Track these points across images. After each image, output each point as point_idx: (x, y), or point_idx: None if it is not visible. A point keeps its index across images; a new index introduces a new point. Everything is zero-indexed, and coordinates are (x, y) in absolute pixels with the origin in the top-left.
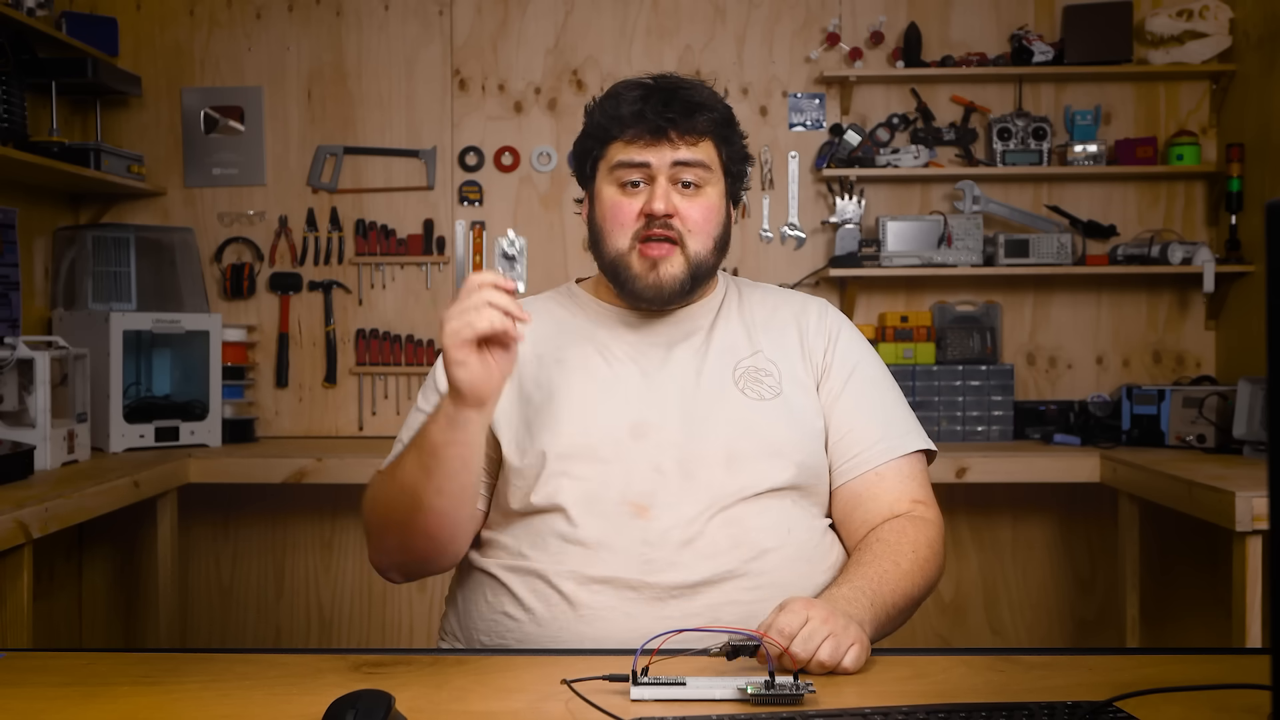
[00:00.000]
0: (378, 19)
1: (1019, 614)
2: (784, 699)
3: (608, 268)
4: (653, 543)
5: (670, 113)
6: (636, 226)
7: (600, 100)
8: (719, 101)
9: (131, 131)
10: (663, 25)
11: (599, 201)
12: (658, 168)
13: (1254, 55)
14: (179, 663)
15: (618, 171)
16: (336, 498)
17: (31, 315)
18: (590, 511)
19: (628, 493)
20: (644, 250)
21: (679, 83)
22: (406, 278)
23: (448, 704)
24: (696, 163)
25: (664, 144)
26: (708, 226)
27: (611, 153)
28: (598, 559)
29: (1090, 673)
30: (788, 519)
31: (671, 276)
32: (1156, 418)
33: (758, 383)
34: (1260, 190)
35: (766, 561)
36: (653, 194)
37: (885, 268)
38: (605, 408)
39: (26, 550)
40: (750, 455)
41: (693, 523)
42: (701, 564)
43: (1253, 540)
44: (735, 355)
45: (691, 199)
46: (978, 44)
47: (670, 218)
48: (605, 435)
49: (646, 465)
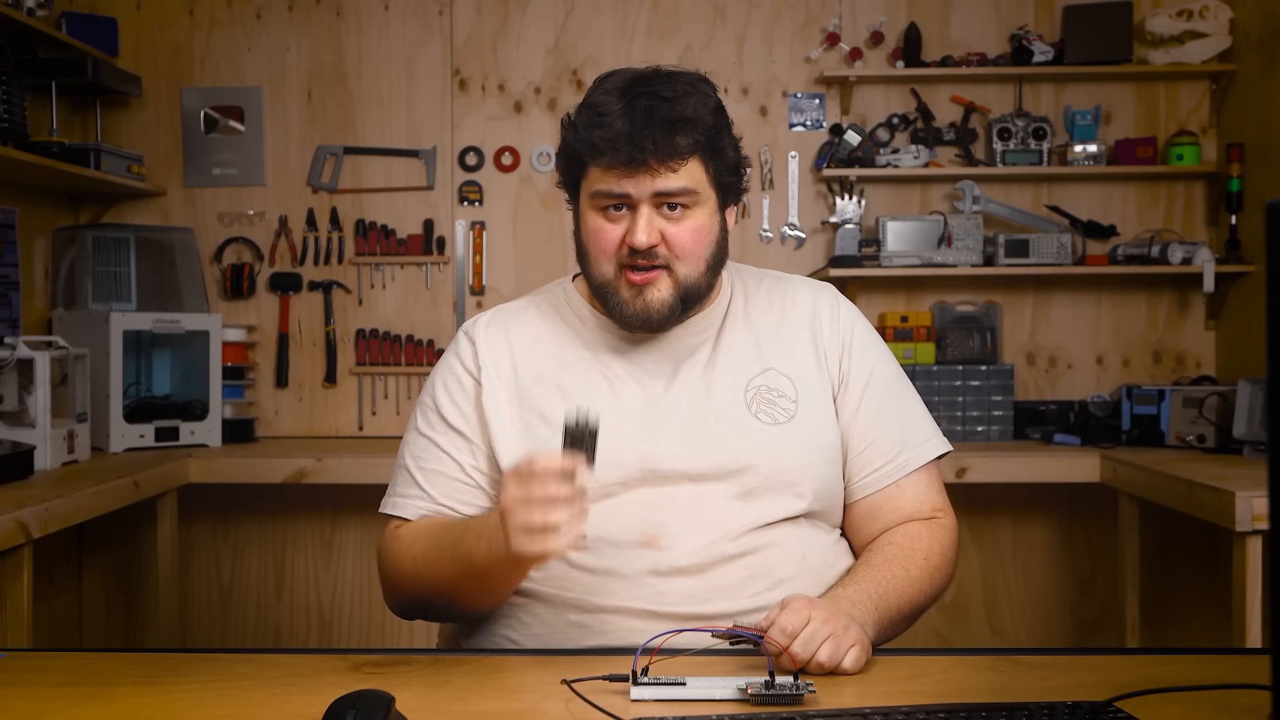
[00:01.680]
0: (378, 19)
1: (1019, 614)
2: (784, 699)
3: (596, 291)
4: (663, 573)
5: (648, 140)
6: (620, 254)
7: (579, 110)
8: (705, 109)
9: (131, 131)
10: (663, 25)
11: (583, 223)
12: (638, 197)
13: (1254, 55)
14: (179, 663)
15: (598, 199)
16: (336, 498)
17: (31, 315)
18: (598, 542)
19: (637, 523)
20: (630, 276)
21: (661, 89)
22: (406, 278)
23: (448, 704)
24: (680, 190)
25: (643, 173)
26: (697, 249)
27: (591, 177)
28: (606, 588)
29: (1090, 673)
30: (802, 545)
31: (660, 301)
32: (1156, 418)
33: (771, 404)
34: (1260, 190)
35: (781, 591)
36: (634, 224)
37: (885, 268)
38: (611, 438)
39: (26, 550)
40: (765, 486)
41: (705, 552)
42: (716, 596)
43: (1253, 540)
44: (746, 373)
45: (679, 222)
46: (978, 44)
47: (655, 246)
48: (612, 467)
49: (656, 495)
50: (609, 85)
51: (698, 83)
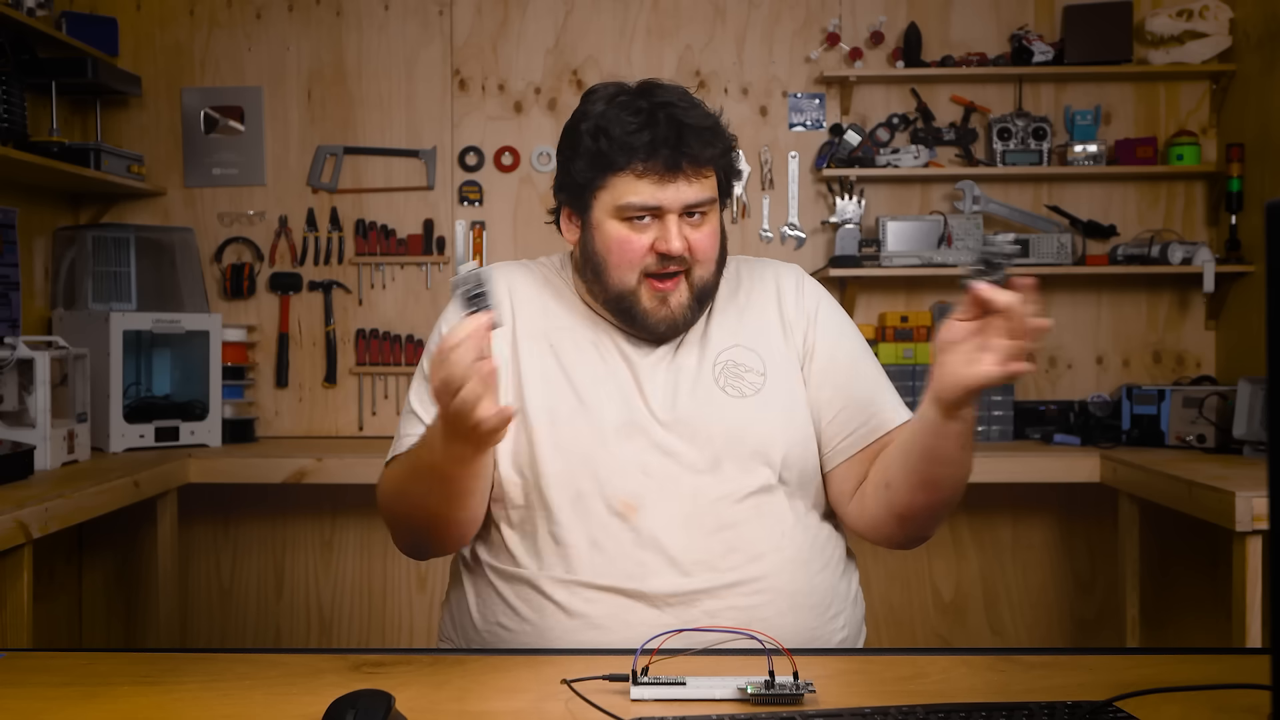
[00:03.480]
0: (378, 19)
1: (1019, 614)
2: (784, 699)
3: (612, 300)
4: (644, 545)
5: (684, 149)
6: (646, 262)
7: (595, 120)
8: (721, 127)
9: (131, 131)
10: (663, 25)
11: (598, 233)
12: (669, 207)
13: (1254, 55)
14: (179, 663)
15: (625, 210)
16: (336, 498)
17: (31, 315)
18: (576, 510)
19: (616, 491)
20: (654, 285)
21: (673, 101)
22: (406, 278)
23: (448, 704)
24: (707, 200)
25: (677, 181)
26: (713, 253)
27: (617, 186)
28: (588, 562)
29: (1090, 673)
30: (781, 521)
31: (681, 306)
32: (1156, 418)
33: (739, 379)
34: (1260, 190)
35: (763, 565)
36: (666, 232)
37: (885, 268)
38: (592, 406)
39: (26, 550)
40: (733, 457)
41: (683, 526)
42: (697, 571)
43: (1253, 540)
44: (714, 349)
45: (699, 228)
46: (978, 44)
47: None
48: (592, 433)
49: (633, 465)
50: (619, 99)
51: (691, 95)
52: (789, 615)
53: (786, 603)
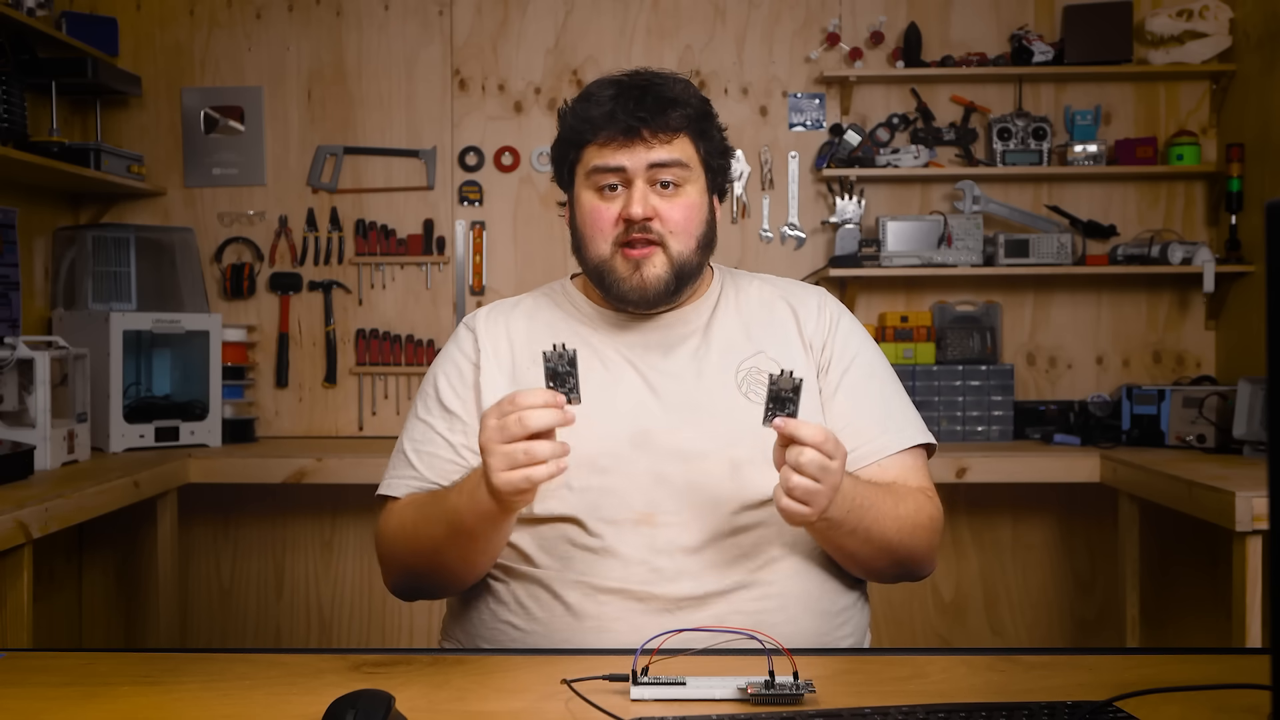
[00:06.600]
0: (378, 19)
1: (1019, 614)
2: (784, 699)
3: (592, 273)
4: (660, 550)
5: (642, 111)
6: (616, 231)
7: (573, 102)
8: (693, 95)
9: (131, 131)
10: (663, 25)
11: (578, 207)
12: (634, 170)
13: (1254, 55)
14: (179, 663)
15: (594, 176)
16: (336, 498)
17: (31, 315)
18: (592, 519)
19: (632, 502)
20: (626, 252)
21: (651, 78)
22: (406, 278)
23: (448, 704)
24: (673, 162)
25: (638, 145)
26: (689, 226)
27: (587, 157)
28: (605, 566)
29: (1090, 673)
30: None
31: (655, 277)
32: (1156, 418)
33: (761, 385)
34: (1260, 190)
35: (774, 570)
36: (630, 198)
37: (885, 268)
38: (604, 417)
39: (26, 550)
40: (754, 462)
41: (699, 531)
42: (709, 575)
43: (1253, 540)
44: (737, 356)
45: (671, 199)
46: (978, 44)
47: (650, 220)
48: (605, 445)
49: (649, 475)
50: (603, 80)
51: (682, 79)
52: (798, 620)
53: (796, 607)
